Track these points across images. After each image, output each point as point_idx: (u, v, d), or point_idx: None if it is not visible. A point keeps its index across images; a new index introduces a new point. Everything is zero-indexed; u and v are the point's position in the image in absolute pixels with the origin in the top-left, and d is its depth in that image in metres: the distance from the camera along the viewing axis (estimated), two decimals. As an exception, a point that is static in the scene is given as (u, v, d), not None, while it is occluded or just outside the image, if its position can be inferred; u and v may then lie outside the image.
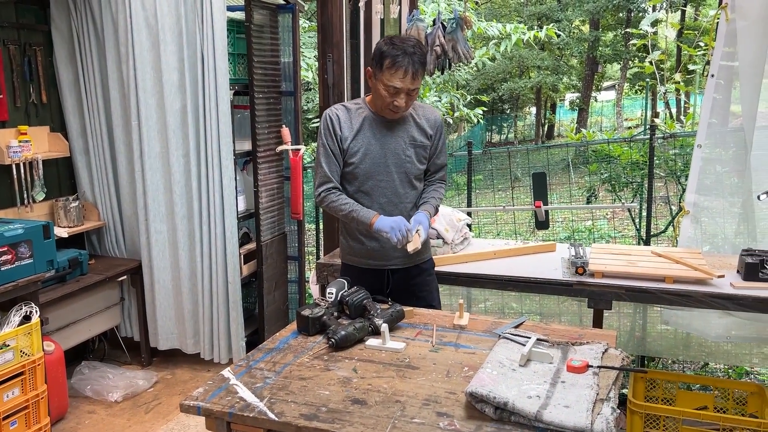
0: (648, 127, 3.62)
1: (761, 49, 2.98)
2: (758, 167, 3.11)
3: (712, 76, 3.06)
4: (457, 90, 8.26)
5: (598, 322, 2.78)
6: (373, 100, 2.47)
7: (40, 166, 3.61)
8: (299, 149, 3.88)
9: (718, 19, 3.04)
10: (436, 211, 2.58)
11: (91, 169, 3.93)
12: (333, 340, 2.08)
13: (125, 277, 3.86)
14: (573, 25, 18.62)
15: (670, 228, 4.09)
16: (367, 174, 2.47)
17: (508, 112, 21.83)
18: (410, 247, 2.35)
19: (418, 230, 2.39)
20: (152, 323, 3.89)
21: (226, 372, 1.95)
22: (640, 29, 4.63)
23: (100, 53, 3.77)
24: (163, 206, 3.73)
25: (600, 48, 18.23)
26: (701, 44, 3.85)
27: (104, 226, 3.97)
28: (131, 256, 3.99)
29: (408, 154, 2.48)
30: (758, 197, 2.86)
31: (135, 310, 3.98)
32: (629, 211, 4.21)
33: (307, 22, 6.84)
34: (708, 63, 3.17)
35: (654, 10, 15.64)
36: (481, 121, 11.22)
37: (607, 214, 6.58)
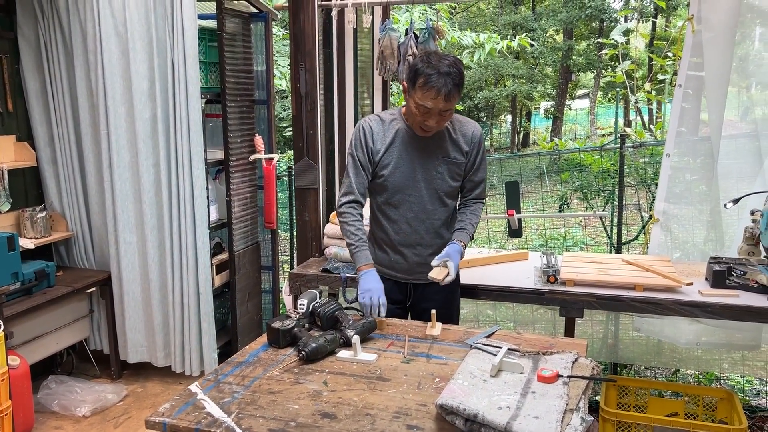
0: (618, 136, 3.66)
1: (726, 60, 3.03)
2: (725, 176, 3.16)
3: (680, 86, 3.11)
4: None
5: (570, 330, 2.80)
6: (406, 114, 2.42)
7: (6, 176, 3.54)
8: (273, 158, 3.85)
9: (685, 30, 3.09)
10: (472, 238, 2.51)
11: (58, 179, 3.85)
12: (303, 352, 2.06)
13: (94, 288, 3.78)
14: (547, 35, 18.85)
15: (642, 235, 4.14)
16: (396, 187, 2.44)
17: (484, 120, 21.99)
18: (437, 277, 2.32)
19: (446, 262, 2.35)
20: (122, 335, 3.81)
21: (194, 387, 1.91)
22: (611, 39, 4.70)
23: (68, 61, 3.71)
24: (133, 216, 3.67)
25: (573, 57, 18.47)
26: (670, 54, 3.92)
27: (72, 237, 3.90)
28: (100, 267, 3.91)
29: (440, 171, 2.43)
30: (725, 205, 2.91)
31: (104, 323, 3.91)
32: (601, 219, 4.25)
33: (282, 30, 6.82)
34: (675, 73, 3.22)
35: (626, 20, 15.93)
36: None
37: (581, 222, 6.64)
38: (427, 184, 2.43)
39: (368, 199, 2.59)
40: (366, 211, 2.56)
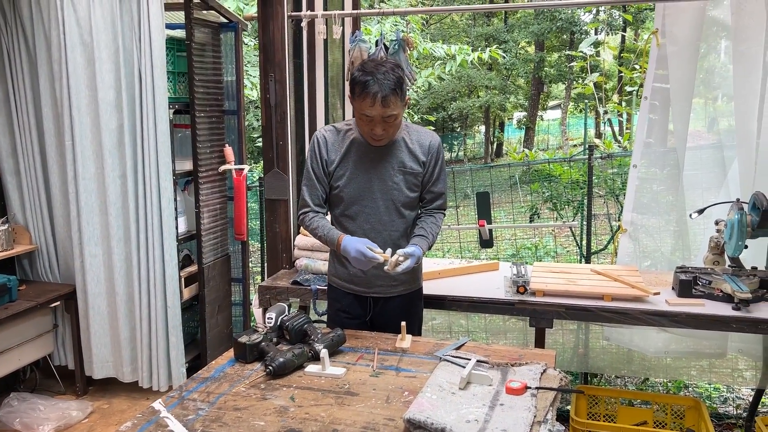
0: (587, 147, 3.71)
1: (690, 73, 3.10)
2: (690, 186, 3.22)
3: (645, 98, 3.16)
4: (409, 109, 8.32)
5: (540, 341, 2.80)
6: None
7: (-34, 187, 3.44)
8: (243, 169, 3.81)
9: (650, 43, 3.15)
10: (430, 246, 2.44)
11: (22, 191, 3.76)
12: (270, 367, 2.02)
13: (59, 302, 3.69)
14: (519, 46, 19.09)
15: (611, 245, 4.18)
16: (351, 199, 2.40)
17: (458, 130, 22.14)
18: (390, 269, 2.24)
19: (403, 256, 2.25)
20: (87, 351, 3.72)
21: (157, 404, 1.86)
22: (580, 52, 4.77)
23: (32, 70, 3.63)
24: (99, 229, 3.59)
25: (545, 68, 18.73)
26: (637, 67, 3.98)
27: (36, 250, 3.80)
28: (65, 280, 3.82)
29: (395, 181, 2.39)
30: (690, 216, 2.95)
31: (69, 338, 3.81)
32: (571, 229, 4.29)
33: (252, 40, 6.79)
34: (642, 85, 3.27)
35: (596, 33, 16.21)
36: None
37: (552, 231, 6.70)
38: (383, 194, 2.39)
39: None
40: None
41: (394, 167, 2.38)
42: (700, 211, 2.88)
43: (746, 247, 2.67)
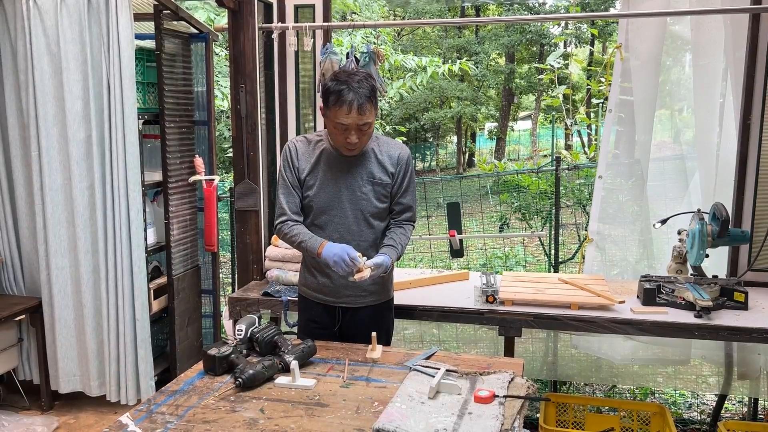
0: (554, 158, 3.78)
1: (652, 86, 3.19)
2: (653, 197, 3.30)
3: (610, 110, 3.24)
4: (380, 119, 8.37)
5: (510, 349, 2.84)
6: (330, 136, 2.39)
7: (-73, 199, 3.36)
8: (213, 179, 3.80)
9: (614, 57, 3.23)
10: (399, 257, 2.46)
11: (-14, 202, 3.69)
12: (240, 379, 2.02)
13: (24, 316, 3.61)
14: (490, 58, 19.34)
15: (578, 254, 4.26)
16: (320, 208, 2.42)
17: (430, 140, 22.30)
18: (356, 276, 2.25)
19: (369, 266, 2.27)
20: (53, 365, 3.65)
21: (124, 418, 1.85)
22: (548, 64, 4.86)
23: (-3, 80, 3.57)
24: (66, 240, 3.54)
25: (516, 80, 19.00)
26: (603, 79, 4.08)
27: (1, 263, 3.72)
28: (31, 293, 3.75)
29: (364, 191, 2.40)
30: (654, 225, 3.03)
31: (35, 351, 3.73)
32: (539, 238, 4.35)
33: (223, 50, 6.77)
34: (606, 98, 3.36)
35: (564, 45, 16.51)
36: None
37: (523, 241, 6.79)
38: (352, 204, 2.41)
39: None
40: None
41: (363, 178, 2.40)
42: (663, 221, 2.96)
43: (707, 256, 2.75)
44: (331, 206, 2.41)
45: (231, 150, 3.61)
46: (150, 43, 3.63)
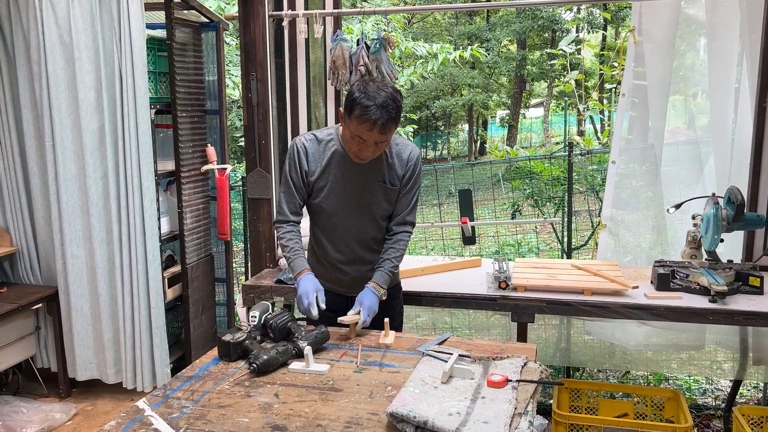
0: (567, 144, 3.75)
1: (666, 70, 3.15)
2: (667, 182, 3.27)
3: (623, 95, 3.21)
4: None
5: (522, 335, 2.84)
6: (343, 137, 2.35)
7: (-55, 189, 3.41)
8: (225, 168, 3.81)
9: (627, 41, 3.19)
10: (391, 276, 2.45)
11: (1, 193, 3.73)
12: (255, 365, 2.03)
13: (40, 305, 3.66)
14: (501, 45, 19.18)
15: (591, 240, 4.24)
16: (331, 211, 2.42)
17: (442, 128, 22.21)
18: (348, 321, 2.32)
19: (358, 311, 2.32)
20: (70, 353, 3.70)
21: (141, 403, 1.87)
22: (560, 50, 4.82)
23: (11, 71, 3.60)
24: (80, 230, 3.57)
25: (527, 67, 18.84)
26: (616, 64, 4.04)
27: (17, 252, 3.77)
28: (47, 282, 3.80)
29: (374, 195, 2.40)
30: (668, 210, 3.00)
31: (52, 340, 3.79)
32: (552, 225, 4.34)
33: (234, 39, 6.77)
34: (619, 83, 3.32)
35: (577, 30, 16.34)
36: (411, 138, 11.35)
37: (535, 228, 6.76)
38: (362, 208, 2.41)
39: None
40: (306, 222, 2.55)
41: (374, 181, 2.40)
42: (678, 206, 2.93)
43: (722, 240, 2.73)
44: (341, 209, 2.42)
45: (242, 139, 3.62)
46: (161, 33, 3.64)
